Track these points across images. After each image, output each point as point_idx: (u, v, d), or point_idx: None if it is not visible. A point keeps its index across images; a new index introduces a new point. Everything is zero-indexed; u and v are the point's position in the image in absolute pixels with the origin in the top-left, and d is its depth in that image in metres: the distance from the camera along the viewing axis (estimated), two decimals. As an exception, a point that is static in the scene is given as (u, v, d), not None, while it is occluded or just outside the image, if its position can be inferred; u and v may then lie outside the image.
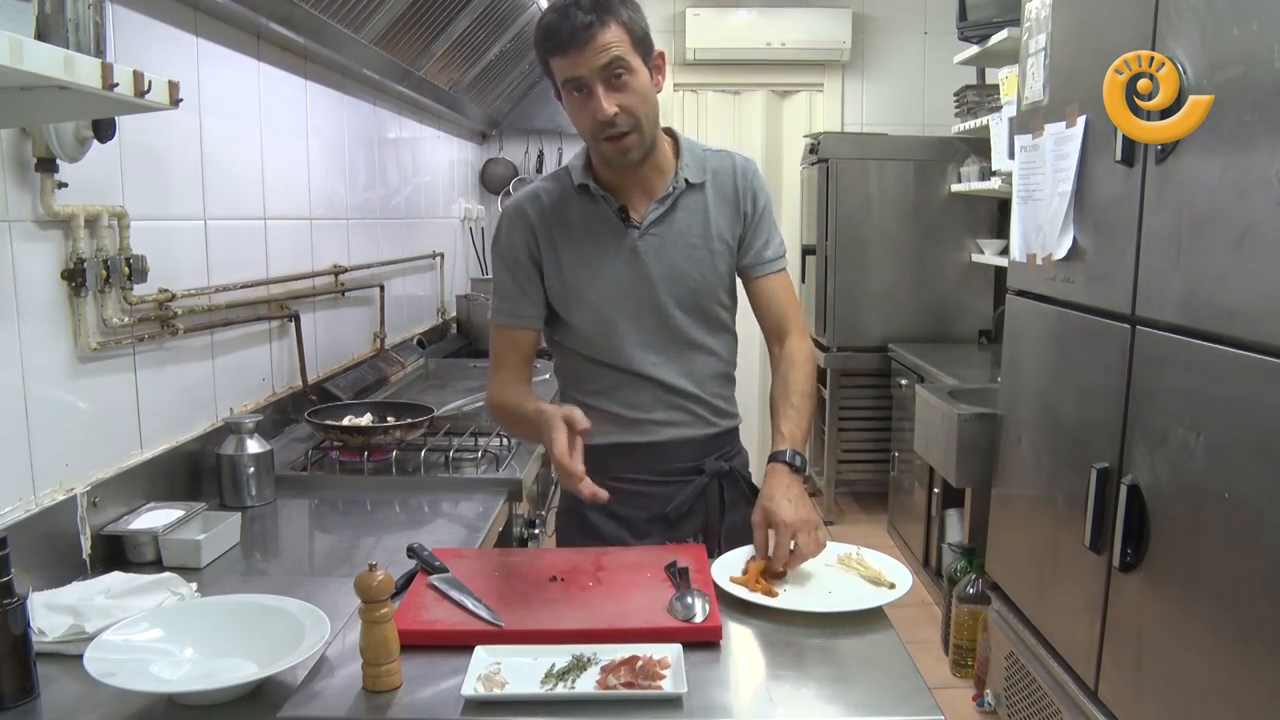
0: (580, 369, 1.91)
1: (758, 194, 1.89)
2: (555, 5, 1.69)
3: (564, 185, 1.86)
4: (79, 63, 1.24)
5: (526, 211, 1.85)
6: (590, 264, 1.83)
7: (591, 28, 1.63)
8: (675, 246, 1.83)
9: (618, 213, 1.83)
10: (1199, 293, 1.87)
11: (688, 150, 1.88)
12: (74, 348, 1.82)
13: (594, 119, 1.69)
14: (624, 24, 1.67)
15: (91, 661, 1.28)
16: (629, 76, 1.68)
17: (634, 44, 1.68)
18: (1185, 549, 1.92)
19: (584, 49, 1.64)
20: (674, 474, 1.89)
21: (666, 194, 1.82)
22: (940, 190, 4.88)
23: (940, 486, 3.96)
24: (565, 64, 1.67)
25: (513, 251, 1.85)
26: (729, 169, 1.88)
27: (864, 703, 1.29)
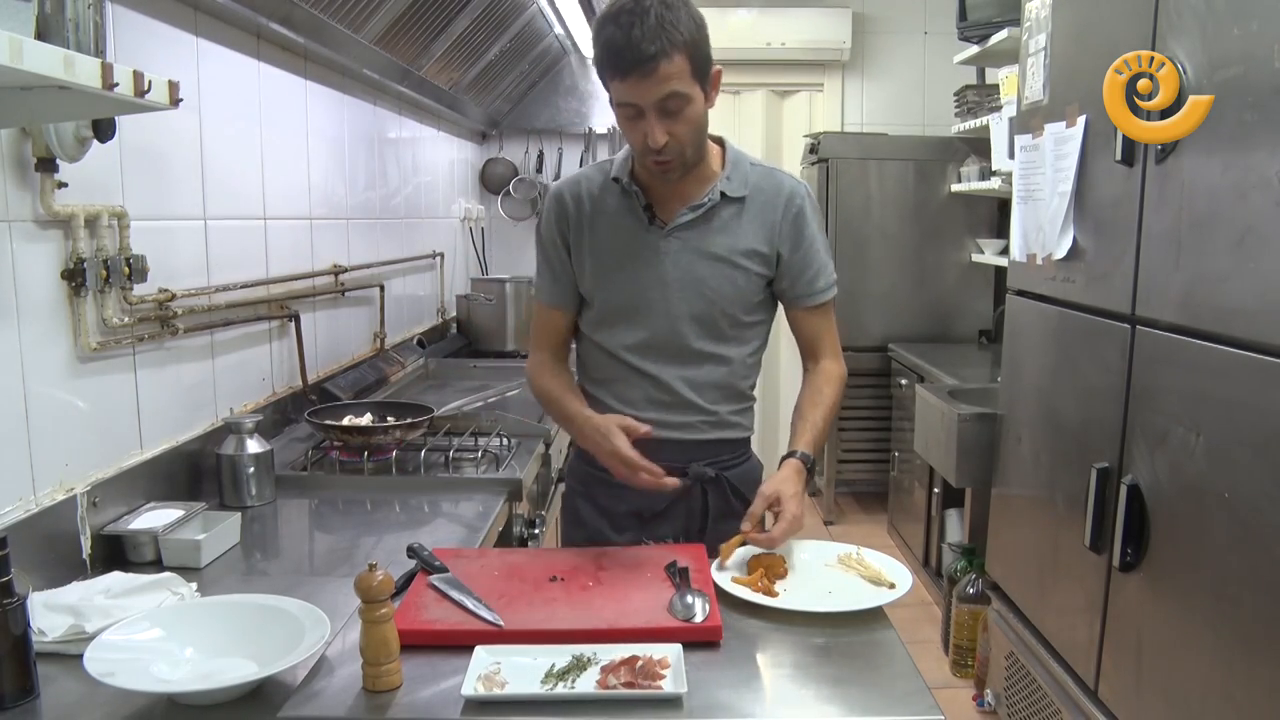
0: (589, 355, 1.95)
1: (804, 223, 1.87)
2: (619, 18, 1.63)
3: (606, 175, 1.88)
4: (79, 63, 1.24)
5: (565, 198, 1.90)
6: (612, 255, 1.86)
7: (655, 59, 1.61)
8: (698, 255, 1.83)
9: (645, 210, 1.84)
10: (1199, 293, 1.87)
11: (734, 163, 1.86)
12: (74, 347, 1.82)
13: (643, 142, 1.70)
14: (687, 52, 1.64)
15: (91, 661, 1.28)
16: (685, 107, 1.68)
17: (694, 72, 1.67)
18: (1185, 549, 1.92)
19: (642, 80, 1.63)
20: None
21: (700, 203, 1.82)
22: (940, 190, 4.88)
23: (940, 486, 3.96)
24: (623, 88, 1.66)
25: (549, 235, 1.92)
26: (776, 190, 1.87)
27: (864, 702, 1.29)
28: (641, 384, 1.89)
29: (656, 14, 1.61)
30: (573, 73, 5.19)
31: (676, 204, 1.84)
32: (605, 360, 1.91)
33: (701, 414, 1.90)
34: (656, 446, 1.88)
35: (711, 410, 1.90)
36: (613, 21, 1.64)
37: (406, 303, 3.96)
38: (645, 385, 1.89)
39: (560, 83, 5.21)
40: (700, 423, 1.90)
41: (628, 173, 1.85)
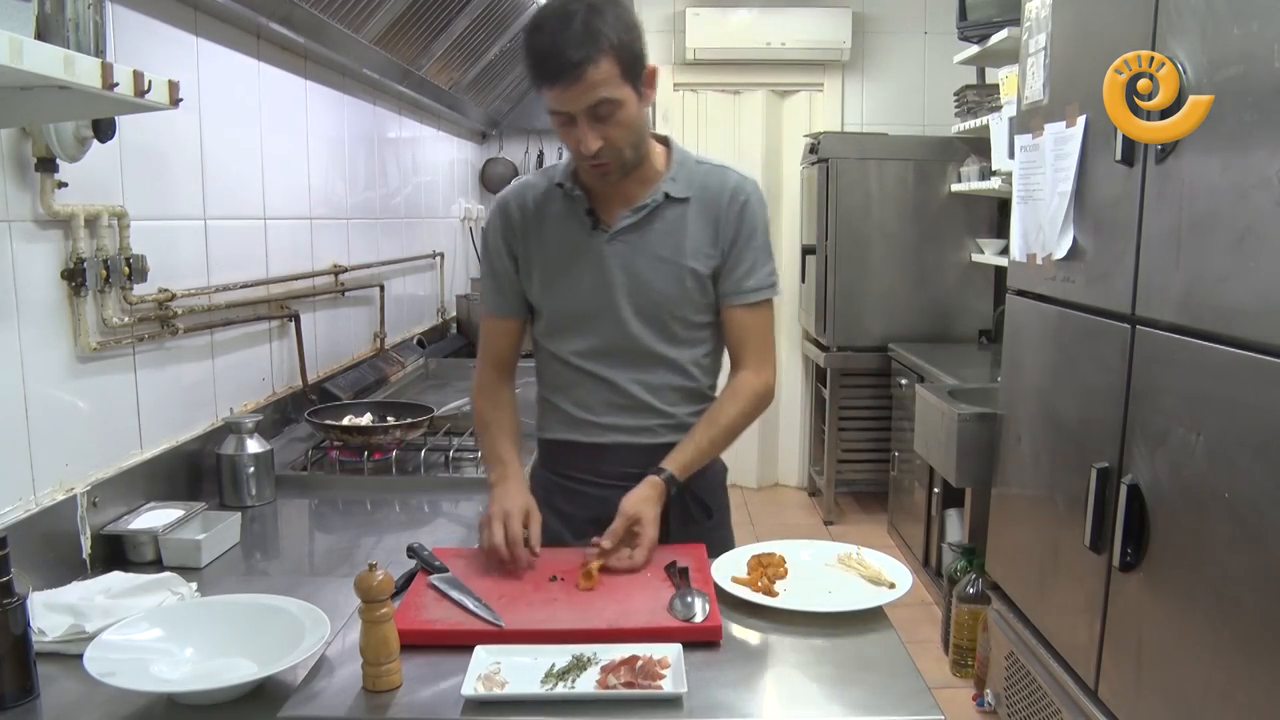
0: (543, 363, 1.93)
1: (744, 219, 1.82)
2: (545, 25, 1.60)
3: (551, 180, 1.86)
4: (79, 62, 1.24)
5: (509, 206, 1.87)
6: (558, 261, 1.84)
7: (581, 66, 1.58)
8: (643, 256, 1.80)
9: (587, 214, 1.81)
10: (1199, 292, 1.86)
11: (679, 163, 1.83)
12: (74, 347, 1.82)
13: (576, 147, 1.68)
14: (615, 55, 1.60)
15: (91, 661, 1.28)
16: (616, 111, 1.65)
17: (624, 74, 1.63)
18: (1185, 549, 1.92)
19: (572, 86, 1.60)
20: (615, 477, 1.85)
21: (643, 205, 1.79)
22: (940, 190, 4.88)
23: (940, 486, 3.96)
24: (552, 96, 1.64)
25: (494, 245, 1.89)
26: (720, 187, 1.83)
27: (864, 702, 1.29)
28: (597, 389, 1.86)
29: (582, 19, 1.58)
30: (573, 73, 5.18)
31: (619, 206, 1.81)
32: (560, 367, 1.89)
33: (660, 417, 1.87)
34: (615, 451, 1.87)
35: (669, 413, 1.87)
36: (539, 29, 1.61)
37: (406, 302, 3.96)
38: (601, 390, 1.86)
39: (560, 83, 5.20)
40: (658, 426, 1.87)
41: (570, 177, 1.83)
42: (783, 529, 4.99)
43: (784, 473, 5.82)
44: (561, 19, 1.59)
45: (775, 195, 5.58)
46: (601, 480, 1.87)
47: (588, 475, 1.88)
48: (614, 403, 1.86)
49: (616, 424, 1.86)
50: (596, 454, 1.88)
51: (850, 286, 4.94)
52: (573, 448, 1.89)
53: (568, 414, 1.89)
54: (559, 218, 1.84)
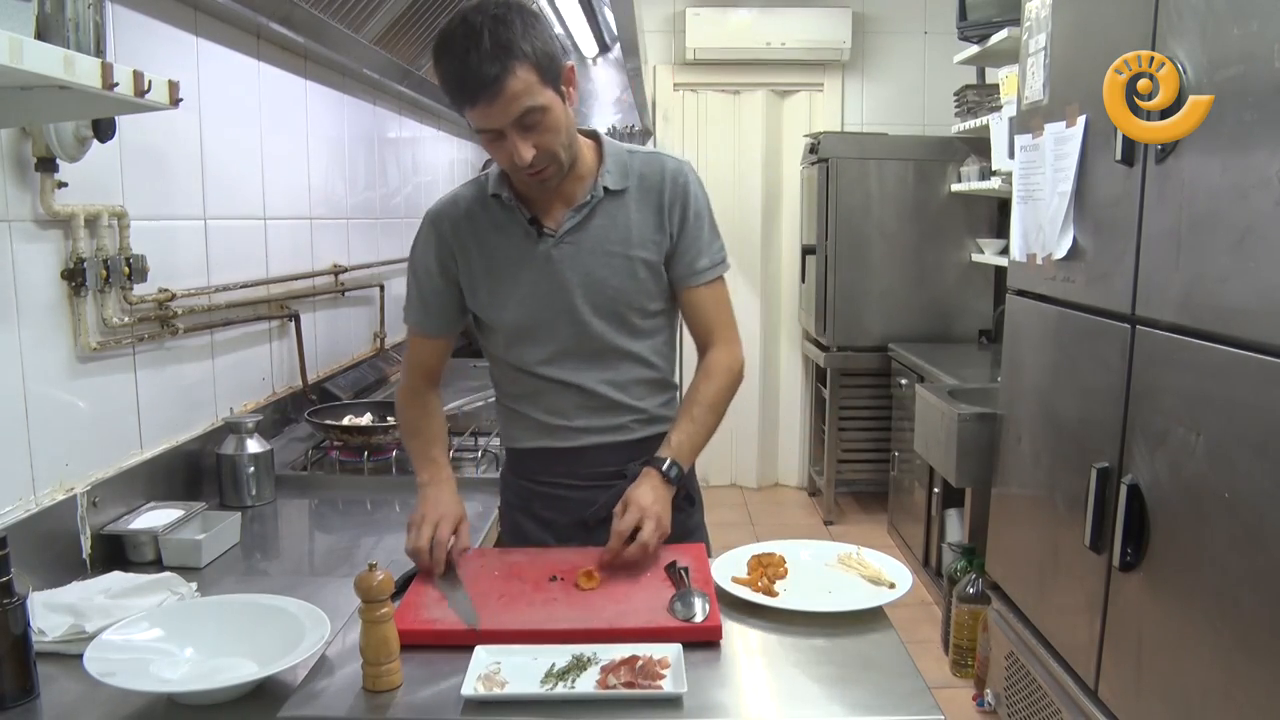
0: (504, 374, 1.90)
1: (688, 201, 1.80)
2: (452, 46, 1.56)
3: (483, 191, 1.82)
4: (79, 62, 1.24)
5: (442, 221, 1.82)
6: (504, 273, 1.80)
7: (499, 80, 1.54)
8: (592, 254, 1.78)
9: (530, 223, 1.78)
10: (1199, 292, 1.87)
11: (611, 156, 1.81)
12: (74, 347, 1.82)
13: (510, 160, 1.64)
14: (530, 62, 1.57)
15: (91, 661, 1.28)
16: (544, 117, 1.62)
17: (543, 79, 1.60)
18: (1185, 549, 1.92)
19: (494, 102, 1.56)
20: (595, 478, 1.86)
21: (584, 203, 1.77)
22: (940, 190, 4.88)
23: (940, 486, 3.96)
24: (476, 115, 1.59)
25: (424, 262, 1.84)
26: (658, 173, 1.81)
27: (864, 702, 1.29)
28: (566, 394, 1.84)
29: (490, 32, 1.54)
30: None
31: (559, 208, 1.78)
32: (522, 377, 1.86)
33: (631, 413, 1.86)
34: (592, 452, 1.86)
35: (640, 408, 1.86)
36: (447, 51, 1.57)
37: (406, 302, 3.95)
38: (570, 394, 1.84)
39: (560, 83, 5.20)
40: (631, 422, 1.86)
41: (506, 187, 1.79)
42: (783, 529, 5.00)
43: (784, 472, 5.82)
44: (467, 37, 1.54)
45: (775, 195, 5.58)
46: (580, 483, 1.87)
47: (566, 479, 1.87)
48: (585, 405, 1.84)
49: (590, 425, 1.85)
50: (574, 457, 1.86)
51: (850, 286, 4.94)
52: (548, 454, 1.87)
53: (539, 421, 1.87)
54: (498, 229, 1.80)
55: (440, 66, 1.59)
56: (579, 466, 1.86)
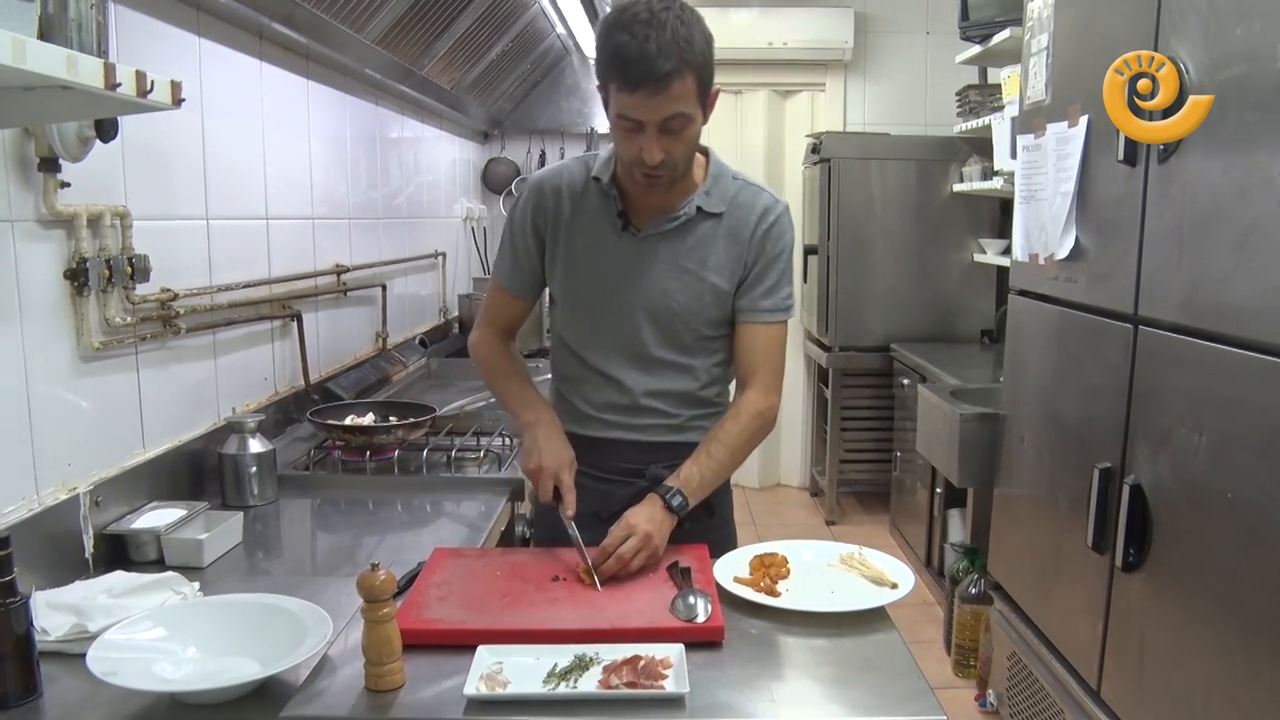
0: (558, 353, 1.96)
1: (769, 241, 1.81)
2: (633, 27, 1.56)
3: (587, 172, 1.85)
4: (81, 63, 1.24)
5: (545, 191, 1.86)
6: (581, 255, 1.85)
7: (668, 77, 1.55)
8: (667, 264, 1.81)
9: (619, 216, 1.82)
10: (1201, 292, 1.86)
11: (715, 177, 1.83)
12: (76, 347, 1.82)
13: (637, 155, 1.66)
14: (696, 72, 1.59)
15: (94, 660, 1.28)
16: (686, 126, 1.65)
17: (699, 93, 1.63)
18: (1188, 549, 1.92)
19: (651, 96, 1.58)
20: (615, 472, 1.89)
21: (675, 216, 1.79)
22: (942, 190, 4.88)
23: (942, 486, 3.96)
24: (628, 102, 1.61)
25: (520, 223, 1.89)
26: (752, 206, 1.82)
27: (866, 703, 1.29)
28: (604, 388, 1.88)
29: (673, 29, 1.55)
30: (574, 72, 5.20)
31: (651, 213, 1.81)
32: (571, 360, 1.91)
33: (660, 416, 1.88)
34: (614, 446, 1.89)
35: (671, 413, 1.88)
36: (625, 30, 1.57)
37: (409, 302, 3.96)
38: (607, 390, 1.88)
39: (562, 82, 5.22)
40: (657, 425, 1.88)
41: (609, 175, 1.82)
42: (785, 529, 4.99)
43: (786, 472, 5.82)
44: (651, 24, 1.55)
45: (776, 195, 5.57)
46: (600, 474, 1.89)
47: (587, 468, 1.88)
48: (616, 403, 1.88)
49: (617, 421, 1.88)
50: (596, 448, 1.89)
51: (852, 286, 4.94)
52: (575, 441, 1.89)
53: (573, 406, 1.92)
54: (591, 211, 1.84)
55: (614, 41, 1.58)
56: (600, 458, 1.89)
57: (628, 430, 1.88)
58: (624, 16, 1.59)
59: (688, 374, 1.87)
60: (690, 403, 1.89)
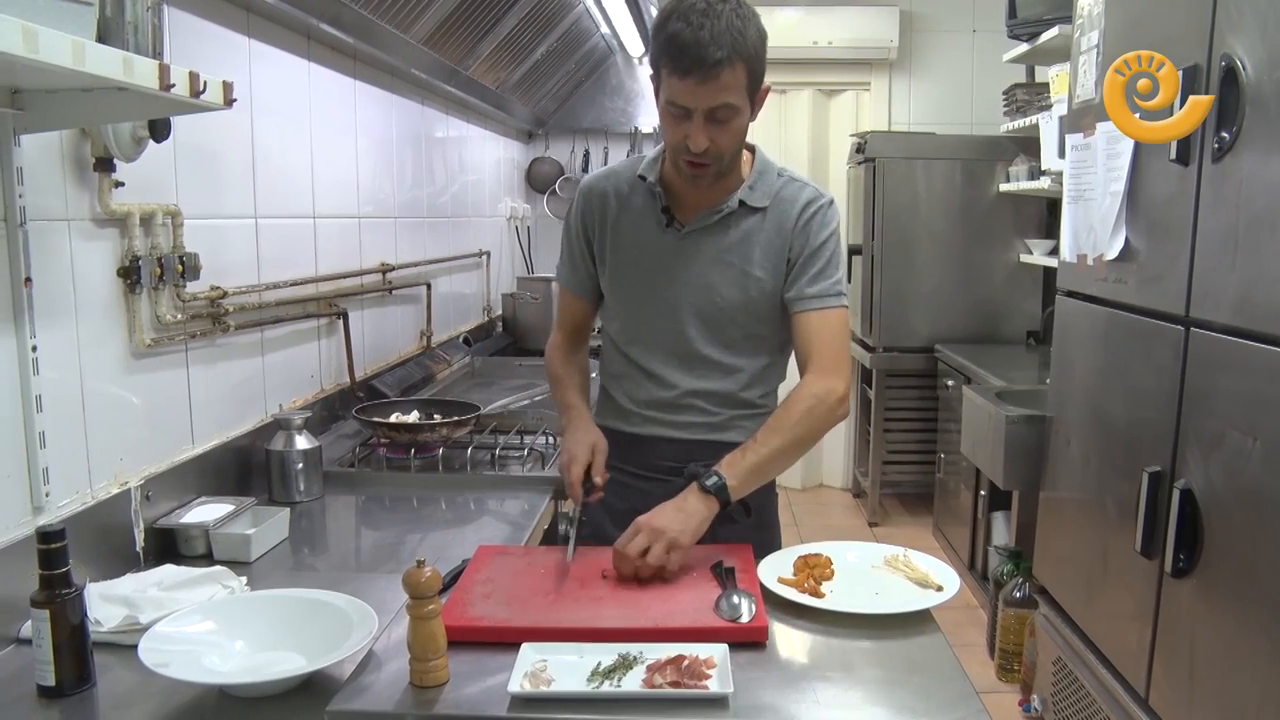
0: (606, 350, 1.98)
1: (811, 229, 1.81)
2: (689, 16, 1.59)
3: (634, 171, 1.88)
4: (137, 64, 1.27)
5: (592, 192, 1.92)
6: (629, 252, 1.87)
7: (719, 66, 1.58)
8: (710, 260, 1.82)
9: (663, 211, 1.83)
10: (1257, 293, 1.83)
11: (760, 173, 1.84)
12: (129, 344, 1.85)
13: (682, 141, 1.68)
14: (748, 64, 1.62)
15: (146, 652, 1.30)
16: (733, 118, 1.67)
17: (749, 85, 1.65)
18: (1240, 555, 1.88)
19: (701, 84, 1.60)
20: (654, 470, 1.89)
21: (718, 210, 1.81)
22: (988, 190, 4.83)
23: (987, 489, 3.92)
24: (679, 88, 1.63)
25: (575, 225, 1.94)
26: (795, 200, 1.83)
27: (911, 705, 1.28)
28: (647, 385, 1.89)
29: (728, 20, 1.58)
30: (619, 72, 5.21)
31: (696, 208, 1.82)
32: (617, 357, 1.94)
33: (701, 414, 1.88)
34: (655, 444, 1.90)
35: (712, 412, 1.88)
36: (682, 18, 1.60)
37: (453, 301, 3.99)
38: (650, 386, 1.89)
39: (606, 82, 5.23)
40: (700, 424, 1.88)
41: (655, 172, 1.85)
42: (827, 530, 4.97)
43: (828, 473, 5.79)
44: (707, 14, 1.59)
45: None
46: (640, 471, 1.90)
47: (628, 466, 1.90)
48: (658, 399, 1.88)
49: (658, 418, 1.89)
50: (636, 445, 1.90)
51: (897, 287, 4.90)
52: (616, 436, 1.90)
53: (616, 402, 1.94)
54: (637, 211, 1.87)
55: (666, 29, 1.62)
56: (640, 455, 1.90)
57: (668, 427, 1.89)
58: (681, 6, 1.62)
59: (731, 374, 1.87)
60: (732, 403, 1.88)
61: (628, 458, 1.90)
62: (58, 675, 1.32)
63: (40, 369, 1.58)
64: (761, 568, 1.64)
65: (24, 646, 1.43)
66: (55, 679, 1.32)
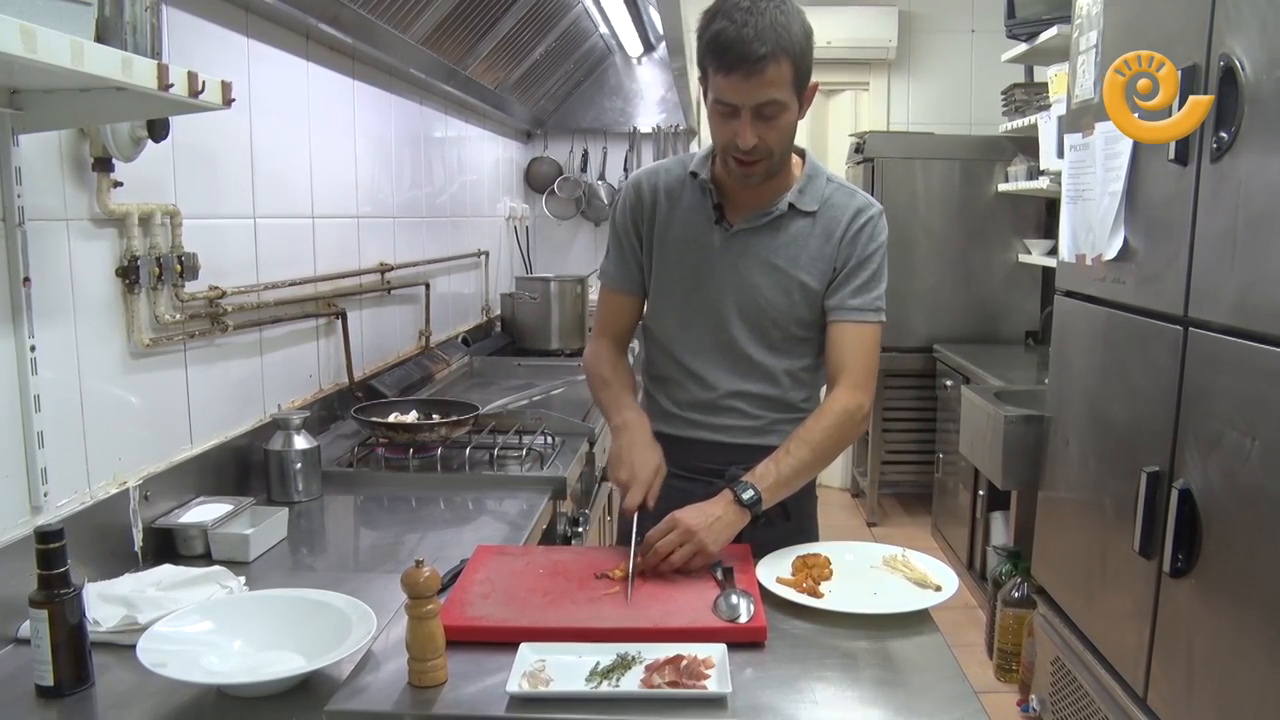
0: (649, 349, 1.97)
1: (860, 240, 1.81)
2: (733, 13, 1.60)
3: (685, 168, 1.88)
4: (136, 64, 1.27)
5: (642, 187, 1.90)
6: (675, 249, 1.87)
7: (763, 62, 1.58)
8: (757, 261, 1.82)
9: (715, 209, 1.83)
10: (1255, 293, 1.83)
11: (810, 178, 1.84)
12: (127, 344, 1.85)
13: (731, 139, 1.69)
14: (794, 60, 1.62)
15: (144, 652, 1.30)
16: (780, 114, 1.67)
17: (795, 81, 1.65)
18: (1239, 555, 1.88)
19: (746, 79, 1.61)
20: (695, 471, 1.89)
21: (767, 211, 1.81)
22: (987, 190, 4.84)
23: (985, 489, 3.92)
24: (724, 84, 1.64)
25: (623, 221, 1.93)
26: (846, 207, 1.83)
27: (909, 705, 1.28)
28: (689, 386, 1.89)
29: (771, 16, 1.59)
30: (617, 72, 5.20)
31: (745, 208, 1.82)
32: (660, 357, 1.93)
33: (743, 417, 1.88)
34: (697, 447, 1.89)
35: (754, 415, 1.88)
36: (725, 16, 1.61)
37: (452, 301, 3.98)
38: (693, 388, 1.88)
39: (605, 82, 5.23)
40: (740, 427, 1.88)
41: (707, 169, 1.85)
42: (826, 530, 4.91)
43: (827, 473, 5.77)
44: (751, 11, 1.59)
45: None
46: (681, 473, 1.88)
47: (670, 467, 1.86)
48: (699, 400, 1.88)
49: (701, 420, 1.89)
50: (677, 446, 1.89)
51: (895, 287, 4.80)
52: (657, 439, 1.87)
53: (660, 404, 1.94)
54: (688, 207, 1.86)
55: (710, 27, 1.63)
56: (682, 457, 1.89)
57: (709, 430, 1.89)
58: (725, 4, 1.63)
59: (772, 376, 1.87)
60: (773, 406, 1.88)
61: (670, 459, 1.87)
62: (56, 675, 1.32)
63: (39, 369, 1.58)
64: (760, 567, 1.64)
65: (22, 646, 1.43)
66: (53, 679, 1.31)
